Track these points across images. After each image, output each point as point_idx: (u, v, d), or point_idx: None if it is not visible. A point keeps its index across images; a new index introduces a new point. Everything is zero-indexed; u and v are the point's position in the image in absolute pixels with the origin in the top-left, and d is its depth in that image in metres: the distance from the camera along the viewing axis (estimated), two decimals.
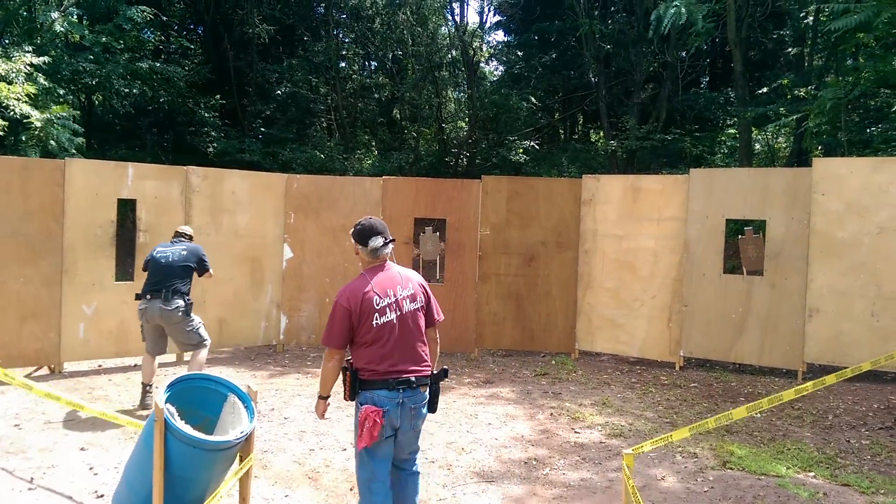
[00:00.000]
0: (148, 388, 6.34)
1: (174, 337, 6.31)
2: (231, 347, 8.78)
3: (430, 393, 3.57)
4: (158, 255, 6.26)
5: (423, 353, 3.57)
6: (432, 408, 3.61)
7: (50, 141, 11.09)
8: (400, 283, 3.58)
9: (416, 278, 3.69)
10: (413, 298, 3.58)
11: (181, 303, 6.13)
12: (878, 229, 7.37)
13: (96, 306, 7.57)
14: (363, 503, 3.52)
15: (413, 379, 3.47)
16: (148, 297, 6.12)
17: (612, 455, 5.39)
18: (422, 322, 3.61)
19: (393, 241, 3.66)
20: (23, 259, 7.17)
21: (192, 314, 6.25)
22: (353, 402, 3.54)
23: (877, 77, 10.95)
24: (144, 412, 6.10)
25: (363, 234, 3.58)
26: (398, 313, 3.50)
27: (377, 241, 3.55)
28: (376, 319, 3.45)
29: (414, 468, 3.73)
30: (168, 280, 6.12)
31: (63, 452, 5.11)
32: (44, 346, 7.33)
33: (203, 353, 6.36)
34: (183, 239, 6.55)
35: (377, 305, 3.46)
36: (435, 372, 3.64)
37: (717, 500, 4.52)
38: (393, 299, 3.51)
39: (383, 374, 3.43)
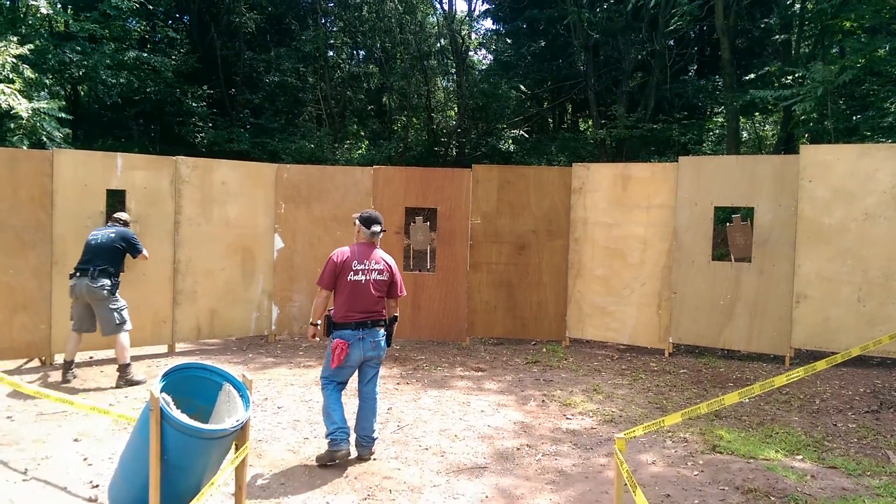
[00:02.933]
0: (71, 365, 6.81)
1: (98, 315, 6.71)
2: (223, 338, 8.78)
3: (386, 334, 4.98)
4: (91, 237, 6.82)
5: (377, 306, 4.91)
6: (388, 342, 5.03)
7: (40, 133, 10.99)
8: (376, 259, 4.95)
9: (389, 260, 5.02)
10: (380, 272, 4.93)
11: (107, 281, 6.61)
12: (865, 215, 7.45)
13: None
14: (323, 394, 4.94)
15: (369, 322, 4.85)
16: (77, 274, 6.63)
17: (603, 441, 5.45)
18: (382, 288, 4.93)
19: (384, 231, 5.10)
20: (11, 251, 7.14)
21: (117, 296, 6.70)
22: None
23: (863, 64, 11.03)
24: (65, 386, 6.55)
25: (368, 221, 5.00)
26: (366, 277, 4.87)
27: (376, 228, 4.99)
28: (351, 276, 4.85)
29: (373, 394, 5.03)
30: (96, 260, 6.64)
31: (57, 443, 5.11)
32: (34, 339, 7.30)
33: (124, 338, 6.72)
34: (117, 224, 7.03)
35: (354, 267, 4.86)
36: (387, 319, 5.02)
37: (707, 484, 4.59)
38: (366, 267, 4.89)
39: (346, 317, 4.82)
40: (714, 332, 8.16)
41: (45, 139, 11.28)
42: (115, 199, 9.30)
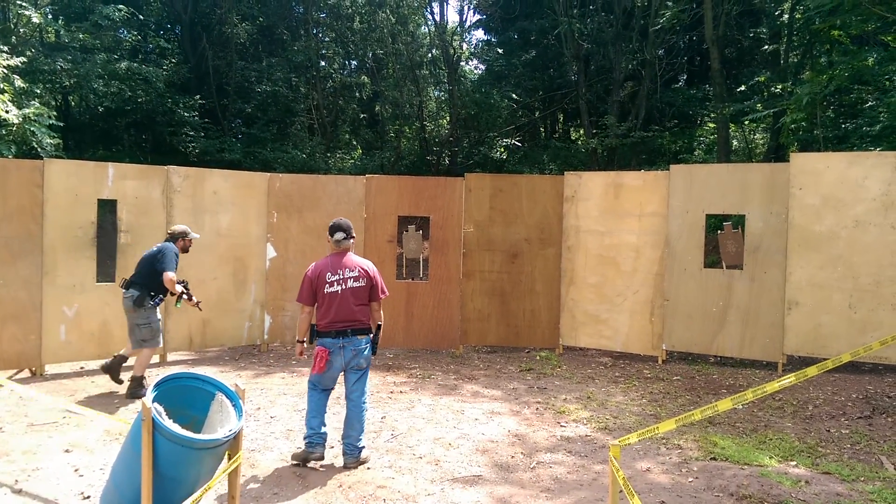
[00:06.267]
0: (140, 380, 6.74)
1: (128, 326, 6.65)
2: (215, 348, 8.74)
3: (371, 342, 5.03)
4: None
5: (358, 315, 4.95)
6: (374, 350, 5.06)
7: (30, 140, 10.93)
8: (349, 266, 5.01)
9: (364, 265, 5.09)
10: (357, 279, 4.99)
11: (134, 293, 6.49)
12: (855, 223, 7.50)
13: (78, 308, 7.50)
14: (307, 398, 5.05)
15: (349, 330, 4.92)
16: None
17: (597, 448, 5.44)
18: (362, 295, 4.99)
19: (352, 237, 5.13)
20: (1, 261, 7.08)
21: (147, 310, 6.52)
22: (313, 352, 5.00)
23: (851, 73, 11.13)
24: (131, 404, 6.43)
25: (331, 230, 5.09)
26: (342, 287, 4.94)
27: (338, 236, 5.05)
28: (327, 288, 4.94)
29: (360, 403, 5.05)
30: (134, 272, 6.69)
31: (47, 454, 5.06)
32: (25, 349, 7.24)
33: (145, 354, 6.64)
34: (170, 237, 6.93)
35: (328, 279, 4.95)
36: (373, 328, 5.08)
37: (702, 490, 4.58)
38: (341, 277, 4.96)
39: (328, 326, 4.91)
40: (707, 339, 8.18)
41: (35, 145, 11.23)
42: (107, 209, 9.26)
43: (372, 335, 5.06)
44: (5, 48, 11.91)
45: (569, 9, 17.65)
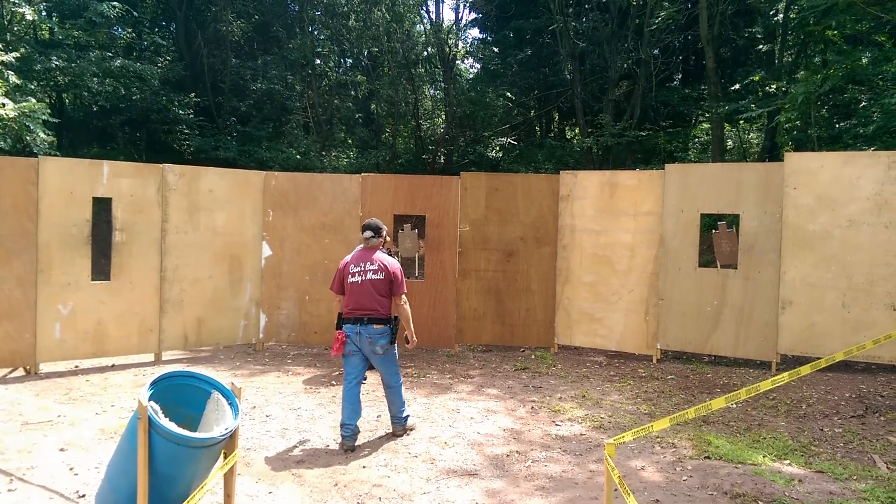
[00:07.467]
0: None
1: None
2: (210, 347, 8.73)
3: (390, 331, 5.49)
4: None
5: (375, 305, 5.43)
6: (392, 340, 5.52)
7: (25, 135, 10.88)
8: (371, 261, 5.52)
9: (386, 261, 5.55)
10: (376, 272, 5.48)
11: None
12: (848, 222, 7.54)
13: (73, 306, 7.48)
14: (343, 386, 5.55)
15: (365, 318, 5.40)
16: None
17: (592, 447, 5.46)
18: (381, 287, 5.46)
19: (381, 236, 5.66)
20: None
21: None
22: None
23: (845, 73, 11.18)
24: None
25: (363, 228, 5.70)
26: (362, 278, 5.46)
27: (367, 234, 5.63)
28: (349, 279, 5.49)
29: (390, 383, 5.61)
30: None
31: (42, 453, 5.05)
32: (19, 347, 7.22)
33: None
34: None
35: (351, 270, 5.51)
36: (390, 318, 5.52)
37: (696, 489, 4.61)
38: (362, 269, 5.49)
39: (348, 313, 5.44)
40: (701, 339, 8.20)
41: (28, 139, 11.17)
42: (102, 207, 9.23)
43: (390, 325, 5.49)
44: None
45: (564, 8, 17.67)
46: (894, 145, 9.91)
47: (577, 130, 20.50)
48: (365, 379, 5.75)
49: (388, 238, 6.16)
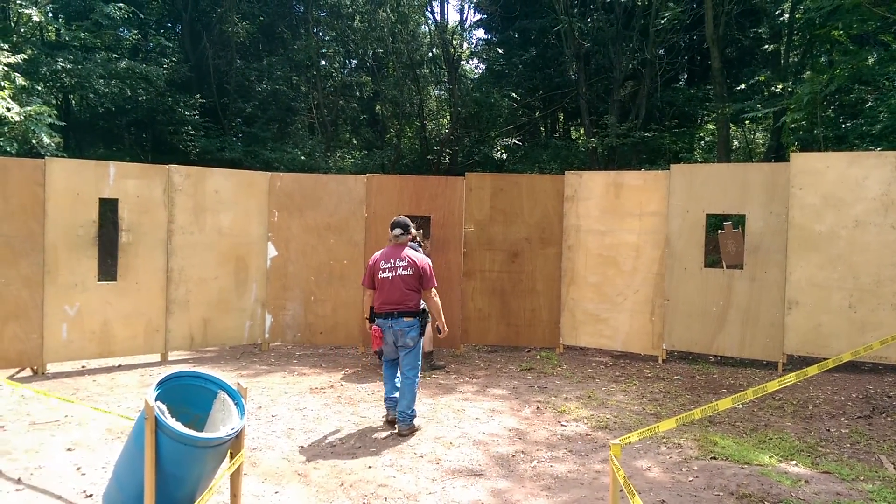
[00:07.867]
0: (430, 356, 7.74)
1: None
2: (216, 347, 8.75)
3: (419, 324, 5.72)
4: None
5: (405, 299, 5.67)
6: (421, 332, 5.77)
7: (31, 138, 10.92)
8: (401, 257, 5.76)
9: (415, 256, 5.81)
10: (405, 268, 5.73)
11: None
12: (855, 222, 7.52)
13: (79, 307, 7.51)
14: (383, 369, 6.03)
15: (395, 312, 5.66)
16: None
17: (597, 447, 5.46)
18: (411, 282, 5.71)
19: (409, 234, 5.92)
20: (3, 260, 7.10)
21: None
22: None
23: (851, 73, 11.14)
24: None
25: (391, 226, 5.88)
26: (392, 274, 5.70)
27: (396, 231, 5.84)
28: (380, 274, 5.74)
29: (408, 374, 5.73)
30: None
31: (50, 453, 5.07)
32: (26, 348, 7.26)
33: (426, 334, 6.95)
34: None
35: (381, 266, 5.76)
36: (419, 311, 5.76)
37: (702, 489, 4.60)
38: (392, 265, 5.73)
39: (380, 308, 5.71)
40: (707, 339, 8.19)
41: (34, 142, 11.22)
42: (108, 208, 9.27)
43: (419, 318, 5.74)
44: (5, 46, 11.90)
45: (569, 8, 17.65)
46: None
47: (582, 131, 20.48)
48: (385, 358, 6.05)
49: (414, 233, 6.39)
